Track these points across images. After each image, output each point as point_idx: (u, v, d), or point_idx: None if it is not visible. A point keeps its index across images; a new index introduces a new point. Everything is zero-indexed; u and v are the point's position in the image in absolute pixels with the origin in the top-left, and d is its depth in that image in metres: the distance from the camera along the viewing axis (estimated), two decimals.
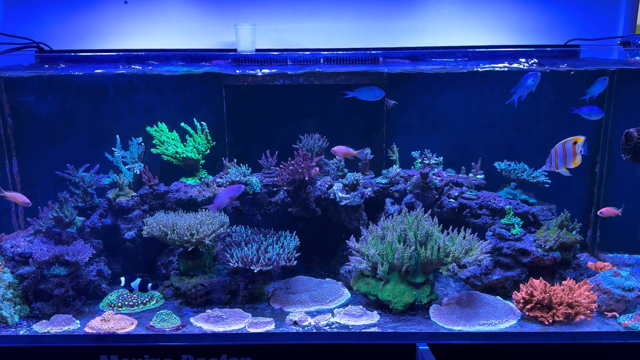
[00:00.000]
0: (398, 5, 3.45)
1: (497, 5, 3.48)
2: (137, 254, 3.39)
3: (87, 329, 2.74)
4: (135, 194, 3.29)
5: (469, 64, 3.32)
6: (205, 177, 3.45)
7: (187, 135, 3.52)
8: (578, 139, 2.72)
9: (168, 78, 3.56)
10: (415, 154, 3.55)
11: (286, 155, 3.27)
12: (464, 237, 2.82)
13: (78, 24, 3.43)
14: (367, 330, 2.71)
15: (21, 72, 3.35)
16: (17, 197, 3.08)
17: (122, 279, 2.79)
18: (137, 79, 3.57)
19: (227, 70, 3.28)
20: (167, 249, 3.35)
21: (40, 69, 3.28)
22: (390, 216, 3.09)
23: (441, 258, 2.77)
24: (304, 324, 2.78)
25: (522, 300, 2.79)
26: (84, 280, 2.93)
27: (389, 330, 2.71)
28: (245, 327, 2.76)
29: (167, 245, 3.36)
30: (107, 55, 3.24)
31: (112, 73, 3.43)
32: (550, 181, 3.36)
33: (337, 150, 3.22)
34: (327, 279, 3.29)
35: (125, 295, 3.02)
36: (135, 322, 2.81)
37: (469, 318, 2.77)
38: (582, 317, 2.71)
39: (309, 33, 3.46)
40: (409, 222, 2.88)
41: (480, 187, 3.45)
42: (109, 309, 2.93)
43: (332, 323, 2.79)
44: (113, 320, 2.75)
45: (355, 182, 3.15)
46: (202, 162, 3.55)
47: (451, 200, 3.27)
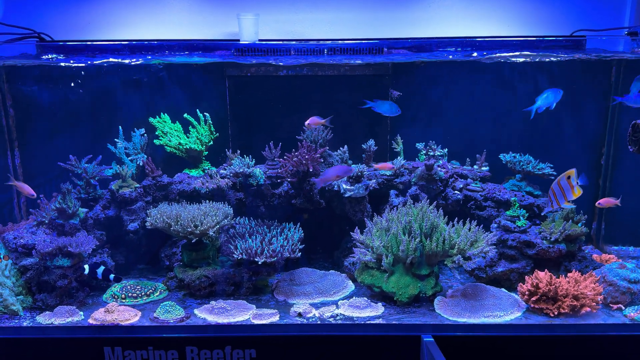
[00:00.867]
0: None
1: None
2: (140, 245, 3.38)
3: (90, 321, 2.73)
4: (138, 185, 3.27)
5: (473, 55, 3.29)
6: (208, 169, 3.43)
7: (190, 127, 3.50)
8: (570, 173, 2.70)
9: (171, 69, 3.54)
10: (419, 145, 3.53)
11: (290, 147, 3.25)
12: (470, 229, 2.81)
13: (79, 14, 3.39)
14: (371, 322, 2.70)
15: (23, 61, 3.31)
16: (24, 188, 3.06)
17: (86, 266, 2.79)
18: (139, 69, 3.53)
19: (230, 59, 3.25)
20: (171, 241, 3.34)
21: (42, 58, 3.25)
22: (395, 208, 3.07)
23: (446, 250, 2.76)
24: (309, 315, 2.77)
25: (527, 292, 2.77)
26: None
27: (394, 322, 2.70)
28: (249, 318, 2.75)
29: (171, 237, 3.34)
30: (110, 44, 3.20)
31: (114, 63, 3.39)
32: (555, 173, 3.35)
33: (310, 121, 3.17)
34: (331, 271, 3.28)
35: (129, 287, 3.01)
36: (139, 314, 2.79)
37: (474, 310, 2.76)
38: (588, 309, 2.70)
39: (312, 24, 3.43)
40: (414, 214, 2.86)
41: (485, 179, 3.43)
42: (113, 301, 2.92)
43: (337, 315, 2.78)
44: (117, 312, 2.74)
45: (359, 173, 3.13)
46: (205, 153, 3.53)
47: (456, 192, 3.25)
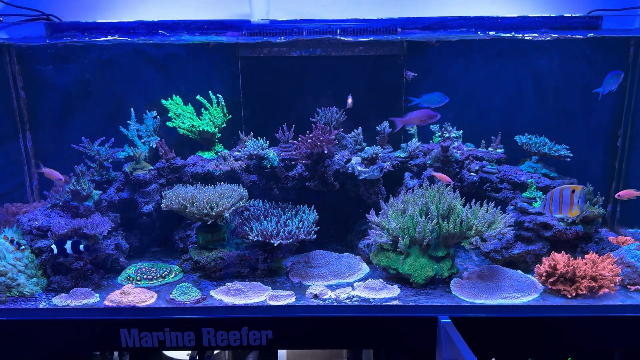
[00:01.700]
0: None
1: None
2: (153, 228, 3.37)
3: (106, 302, 2.72)
4: (152, 167, 3.25)
5: (489, 34, 3.24)
6: (221, 151, 3.41)
7: (203, 109, 3.47)
8: (576, 188, 2.62)
9: (183, 50, 3.49)
10: (434, 127, 3.49)
11: (303, 129, 3.22)
12: (487, 210, 2.79)
13: None
14: (388, 304, 2.69)
15: (33, 41, 3.27)
16: (53, 174, 3.04)
17: (54, 246, 2.76)
18: (150, 50, 3.50)
19: (243, 40, 3.21)
20: (185, 224, 3.33)
21: (52, 39, 3.22)
22: (410, 190, 3.05)
23: (464, 231, 2.74)
24: (324, 297, 2.76)
25: (544, 274, 2.76)
26: (102, 253, 2.91)
27: (410, 304, 2.69)
28: (265, 300, 2.74)
29: (184, 219, 3.34)
30: (120, 23, 3.15)
31: (125, 43, 3.35)
32: (572, 155, 3.32)
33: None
34: (345, 254, 3.27)
35: (143, 269, 3.00)
36: (155, 295, 2.79)
37: (491, 291, 2.75)
38: (606, 290, 2.68)
39: (324, 3, 3.38)
40: (431, 195, 2.84)
41: (500, 161, 3.40)
42: (128, 283, 2.91)
43: (353, 296, 2.77)
44: (133, 294, 2.74)
45: (374, 155, 3.10)
46: (218, 136, 3.51)
47: (472, 174, 3.22)
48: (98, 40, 3.18)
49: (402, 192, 3.01)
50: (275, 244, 2.86)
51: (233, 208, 2.89)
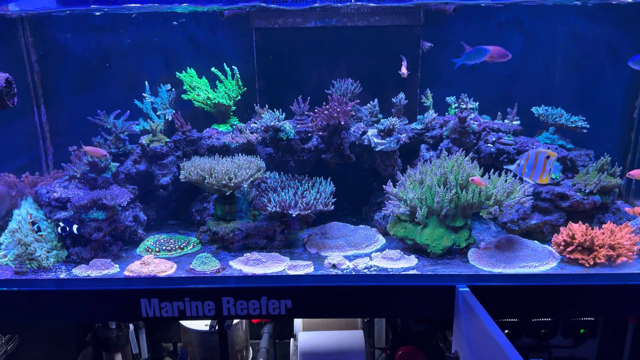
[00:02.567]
0: None
1: None
2: (170, 201, 3.38)
3: (126, 273, 2.75)
4: (168, 139, 3.25)
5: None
6: (237, 124, 3.40)
7: (217, 81, 3.45)
8: (551, 154, 2.60)
9: (195, 22, 3.47)
10: (450, 99, 3.47)
11: (319, 102, 3.20)
12: (506, 180, 2.78)
13: None
14: (406, 273, 2.71)
15: (46, 9, 3.25)
16: (95, 151, 3.03)
17: (60, 224, 2.82)
18: (163, 20, 3.47)
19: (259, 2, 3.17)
20: (201, 196, 3.34)
21: (64, 9, 3.20)
22: (427, 162, 3.05)
23: (482, 201, 2.74)
24: (342, 267, 2.78)
25: (562, 243, 2.76)
26: (121, 225, 2.92)
27: (429, 273, 2.70)
28: (284, 269, 2.76)
29: (201, 192, 3.35)
30: None
31: (137, 10, 3.32)
32: (588, 126, 3.30)
33: None
34: (361, 226, 3.28)
35: (162, 241, 3.02)
36: (175, 266, 2.81)
37: (508, 261, 2.76)
38: (624, 259, 2.69)
39: None
40: (449, 166, 2.84)
41: (517, 133, 3.38)
42: (147, 254, 2.93)
43: (371, 266, 2.78)
44: (153, 264, 2.76)
45: (391, 127, 3.09)
46: (234, 108, 3.50)
47: (489, 145, 3.21)
48: (111, 8, 3.15)
49: (419, 164, 3.01)
50: (293, 215, 2.87)
51: (251, 179, 2.89)
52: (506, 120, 3.44)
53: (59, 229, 2.82)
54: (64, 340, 3.61)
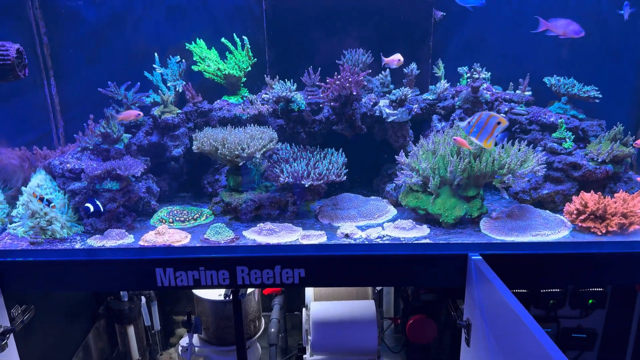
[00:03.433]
0: None
1: None
2: (181, 173, 3.39)
3: (141, 243, 2.77)
4: (180, 111, 3.25)
5: None
6: (247, 95, 3.39)
7: (227, 52, 3.43)
8: (502, 121, 2.56)
9: None
10: (461, 69, 3.45)
11: (330, 73, 3.17)
12: (519, 149, 2.78)
13: None
14: (419, 242, 2.73)
15: None
16: (128, 115, 3.02)
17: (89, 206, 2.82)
18: None
19: None
20: (213, 168, 3.34)
21: None
22: (439, 132, 3.04)
23: (495, 170, 2.74)
24: (355, 236, 2.80)
25: (575, 212, 2.77)
26: (135, 195, 2.94)
27: (441, 242, 2.72)
28: (297, 239, 2.78)
29: (212, 164, 3.35)
30: None
31: None
32: (601, 95, 3.28)
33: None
34: (372, 197, 3.29)
35: (175, 212, 3.04)
36: (189, 236, 2.83)
37: (520, 230, 2.77)
38: (637, 227, 2.70)
39: None
40: (463, 135, 2.83)
41: (529, 103, 3.37)
42: (161, 225, 2.95)
43: (383, 236, 2.80)
44: (167, 234, 2.78)
45: (403, 97, 3.07)
46: (244, 80, 3.47)
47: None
48: None
49: (431, 134, 3.01)
50: (306, 185, 2.87)
51: (264, 150, 2.89)
52: (518, 91, 3.42)
53: (82, 211, 2.83)
54: (77, 312, 3.66)
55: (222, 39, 3.39)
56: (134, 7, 3.48)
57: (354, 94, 3.05)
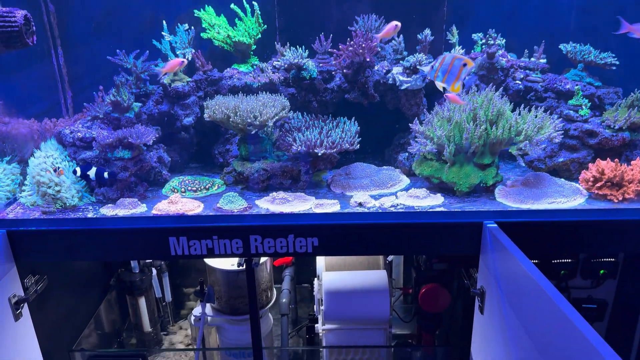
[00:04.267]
0: None
1: None
2: (192, 144, 3.36)
3: (154, 211, 2.76)
4: (190, 79, 3.20)
5: None
6: (258, 63, 3.33)
7: (237, 19, 3.36)
8: (468, 62, 2.48)
9: None
10: (476, 36, 3.38)
11: (342, 39, 3.12)
12: (536, 116, 2.74)
13: None
14: (433, 210, 2.71)
15: None
16: (172, 64, 2.95)
17: (77, 169, 2.76)
18: None
19: None
20: (223, 138, 3.31)
21: None
22: None
23: (512, 137, 2.70)
24: (369, 205, 2.78)
25: (591, 179, 2.74)
26: (147, 164, 2.91)
27: (456, 210, 2.70)
28: (311, 208, 2.76)
29: (222, 134, 3.32)
30: None
31: None
32: (618, 62, 3.22)
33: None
34: (385, 167, 3.26)
35: (187, 182, 3.02)
36: (202, 205, 2.82)
37: (536, 197, 2.75)
38: None
39: None
40: (479, 101, 2.78)
41: (544, 70, 3.31)
42: (173, 194, 2.93)
43: (397, 204, 2.78)
44: (180, 203, 2.77)
45: (417, 63, 3.02)
46: (254, 47, 3.41)
47: (517, 82, 3.14)
48: None
49: (447, 101, 2.96)
50: (319, 154, 2.84)
51: (276, 117, 2.85)
52: (532, 59, 3.36)
53: (77, 173, 2.79)
54: (89, 283, 3.68)
55: (232, 5, 3.32)
56: None
57: (367, 60, 2.99)
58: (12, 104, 3.24)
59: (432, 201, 2.79)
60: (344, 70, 3.09)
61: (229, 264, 3.20)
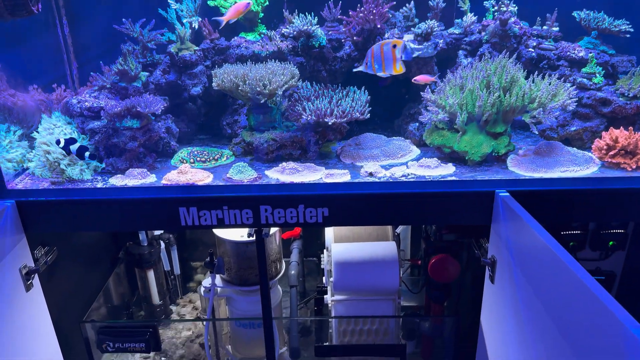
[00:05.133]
0: None
1: None
2: (199, 115, 3.33)
3: (164, 182, 2.74)
4: (197, 48, 3.15)
5: None
6: (265, 32, 3.28)
7: None
8: (397, 42, 2.47)
9: None
10: (488, 3, 3.31)
11: (350, 6, 3.05)
12: (550, 83, 2.69)
13: None
14: (444, 179, 2.68)
15: None
16: (235, 9, 2.92)
17: (62, 139, 2.65)
18: None
19: None
20: (231, 109, 3.27)
21: None
22: (466, 67, 2.94)
23: (525, 105, 2.66)
24: (379, 175, 2.76)
25: (605, 147, 2.71)
26: (155, 134, 2.88)
27: (468, 179, 2.68)
28: (321, 178, 2.74)
29: (230, 105, 3.28)
30: None
31: None
32: (632, 29, 3.15)
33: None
34: (395, 137, 3.23)
35: (195, 152, 3.00)
36: (211, 176, 2.80)
37: (548, 166, 2.72)
38: None
39: None
40: (493, 68, 2.74)
41: (557, 38, 3.25)
42: (182, 165, 2.91)
43: (408, 174, 2.76)
44: (190, 173, 2.75)
45: (429, 30, 2.96)
46: (261, 15, 3.35)
47: (530, 49, 3.09)
48: None
49: (459, 69, 2.91)
50: (329, 123, 2.81)
51: (285, 86, 2.81)
52: (545, 27, 3.29)
53: (60, 144, 2.65)
54: (98, 256, 3.69)
55: None
56: None
57: (378, 27, 2.94)
58: (17, 75, 3.20)
59: (444, 170, 2.77)
60: (354, 38, 3.04)
61: (239, 235, 3.20)
